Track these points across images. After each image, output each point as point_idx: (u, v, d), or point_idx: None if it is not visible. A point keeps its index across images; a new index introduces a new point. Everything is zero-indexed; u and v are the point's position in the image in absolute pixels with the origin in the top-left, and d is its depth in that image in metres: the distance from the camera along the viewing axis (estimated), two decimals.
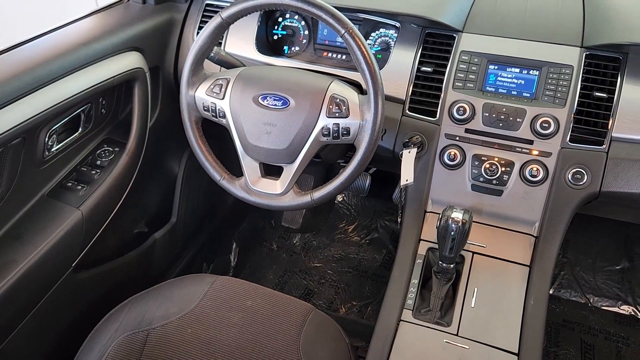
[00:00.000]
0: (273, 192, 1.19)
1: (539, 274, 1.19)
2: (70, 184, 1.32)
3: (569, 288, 1.94)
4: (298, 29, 1.51)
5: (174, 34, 1.54)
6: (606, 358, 1.75)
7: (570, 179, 1.19)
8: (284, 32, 1.52)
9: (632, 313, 1.87)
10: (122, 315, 1.14)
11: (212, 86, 1.17)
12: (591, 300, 1.91)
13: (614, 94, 1.17)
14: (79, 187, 1.32)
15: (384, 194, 2.13)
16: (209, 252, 2.01)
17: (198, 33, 1.49)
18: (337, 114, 1.11)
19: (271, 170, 1.22)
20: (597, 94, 1.18)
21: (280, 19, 1.52)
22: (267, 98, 1.14)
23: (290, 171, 1.17)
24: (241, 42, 1.45)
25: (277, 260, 2.14)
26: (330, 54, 1.49)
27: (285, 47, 1.52)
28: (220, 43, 1.46)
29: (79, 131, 1.35)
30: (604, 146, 1.17)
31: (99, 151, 1.42)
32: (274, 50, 1.52)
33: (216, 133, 1.29)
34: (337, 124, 1.11)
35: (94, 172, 1.36)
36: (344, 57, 1.48)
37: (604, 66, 1.20)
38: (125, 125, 1.45)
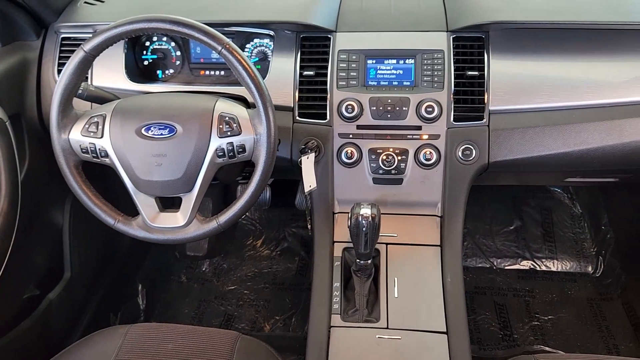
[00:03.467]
0: (175, 225, 1.13)
1: (450, 251, 1.24)
2: None
3: (474, 256, 2.06)
4: (169, 51, 1.44)
5: (30, 76, 1.40)
6: (518, 313, 1.87)
7: (460, 156, 1.25)
8: (155, 56, 1.44)
9: (532, 266, 2.03)
10: None
11: (87, 125, 1.08)
12: (495, 263, 2.04)
13: (484, 71, 1.25)
14: None
15: (286, 202, 2.11)
16: (114, 300, 1.86)
17: (60, 71, 1.37)
18: (229, 133, 1.07)
19: (169, 203, 1.15)
20: (469, 73, 1.25)
21: (147, 43, 1.44)
22: (151, 128, 1.07)
23: (190, 200, 1.11)
24: (109, 73, 1.35)
25: (189, 292, 2.04)
26: (207, 72, 1.44)
27: (159, 72, 1.45)
28: (87, 78, 1.35)
29: None
30: (484, 120, 1.25)
31: None
32: (147, 76, 1.44)
33: (99, 172, 1.19)
34: (231, 143, 1.07)
35: None
36: (222, 72, 1.43)
37: (470, 46, 1.28)
38: None
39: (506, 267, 2.03)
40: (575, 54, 1.25)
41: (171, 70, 1.45)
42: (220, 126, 1.07)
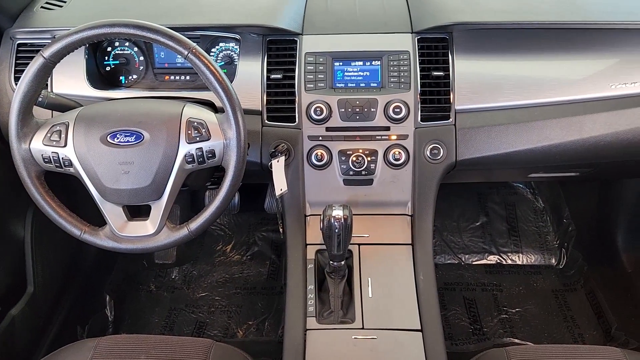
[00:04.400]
0: (145, 233, 1.11)
1: (421, 249, 1.26)
2: None
3: (443, 253, 2.09)
4: (132, 56, 1.41)
5: None
6: (486, 307, 1.91)
7: (429, 155, 1.27)
8: (117, 62, 1.41)
9: (498, 261, 2.07)
10: None
11: (49, 134, 1.04)
12: (463, 259, 2.08)
13: (449, 71, 1.27)
14: None
15: (255, 206, 2.10)
16: (81, 313, 1.81)
17: (17, 79, 1.32)
18: (197, 138, 1.06)
19: (137, 211, 1.13)
20: (434, 73, 1.27)
21: (109, 49, 1.41)
22: (117, 135, 1.05)
23: (159, 207, 1.09)
24: (70, 80, 1.31)
25: (159, 301, 2.00)
26: (172, 77, 1.42)
27: (122, 78, 1.41)
28: (47, 85, 1.30)
29: None
30: (451, 120, 1.27)
31: None
32: (110, 83, 1.40)
33: (62, 182, 1.16)
34: (200, 149, 1.06)
35: None
36: (187, 77, 1.41)
37: (435, 47, 1.30)
38: None
39: (474, 263, 2.07)
40: (536, 53, 1.28)
41: (134, 76, 1.42)
42: (189, 132, 1.06)
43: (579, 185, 2.04)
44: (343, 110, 1.27)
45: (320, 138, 1.28)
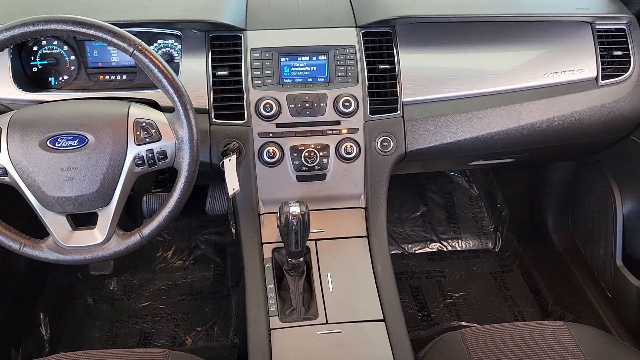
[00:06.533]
0: (93, 242, 1.05)
1: (377, 240, 1.28)
2: None
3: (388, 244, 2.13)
4: (62, 56, 1.32)
5: None
6: (432, 293, 1.97)
7: (379, 147, 1.28)
8: (45, 62, 1.31)
9: (439, 248, 2.14)
10: None
11: None
12: (406, 249, 2.13)
13: (395, 64, 1.29)
14: None
15: (194, 209, 2.03)
16: (13, 333, 1.67)
17: None
18: (147, 139, 1.01)
19: (82, 220, 1.06)
20: (381, 66, 1.29)
21: (35, 48, 1.31)
22: (58, 140, 0.98)
23: (108, 214, 1.04)
24: None
25: (99, 315, 1.89)
26: (107, 77, 1.34)
27: (51, 79, 1.32)
28: None
29: None
30: (399, 112, 1.29)
31: None
32: (38, 84, 1.30)
33: None
34: (151, 150, 1.01)
35: None
36: (124, 77, 1.34)
37: (379, 41, 1.32)
38: None
39: (417, 252, 2.13)
40: (475, 46, 1.34)
41: (65, 77, 1.32)
42: (137, 133, 1.01)
43: (511, 171, 2.15)
44: (293, 105, 1.25)
45: (271, 135, 1.26)
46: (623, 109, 1.38)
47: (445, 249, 2.14)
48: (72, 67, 1.33)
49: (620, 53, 1.37)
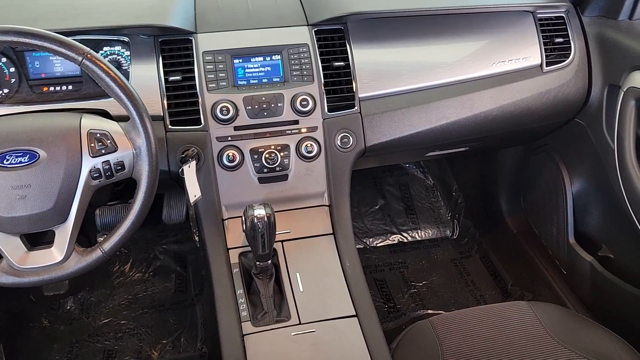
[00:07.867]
0: (52, 262, 1.00)
1: (343, 237, 1.28)
2: None
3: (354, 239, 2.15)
4: (0, 69, 1.25)
5: None
6: (396, 284, 2.00)
7: (339, 144, 1.29)
8: None
9: (400, 240, 2.18)
10: None
11: None
12: (368, 243, 2.15)
13: (349, 61, 1.30)
14: None
15: (150, 219, 1.98)
16: None
17: None
18: (103, 151, 0.97)
19: (38, 239, 1.01)
20: (335, 64, 1.29)
21: None
22: (7, 157, 0.93)
23: (66, 231, 0.99)
24: None
25: (57, 337, 1.81)
26: (52, 88, 1.27)
27: None
28: None
29: None
30: (356, 108, 1.30)
31: None
32: None
33: None
34: (107, 161, 0.98)
35: None
36: (70, 87, 1.28)
37: (332, 38, 1.32)
38: None
39: (379, 245, 2.15)
40: (425, 39, 1.36)
41: (5, 90, 1.25)
42: (92, 144, 0.97)
43: (464, 160, 2.20)
44: (250, 107, 1.24)
45: (230, 138, 1.24)
46: (567, 93, 1.44)
47: (405, 240, 2.18)
48: (13, 80, 1.26)
49: (561, 40, 1.43)
